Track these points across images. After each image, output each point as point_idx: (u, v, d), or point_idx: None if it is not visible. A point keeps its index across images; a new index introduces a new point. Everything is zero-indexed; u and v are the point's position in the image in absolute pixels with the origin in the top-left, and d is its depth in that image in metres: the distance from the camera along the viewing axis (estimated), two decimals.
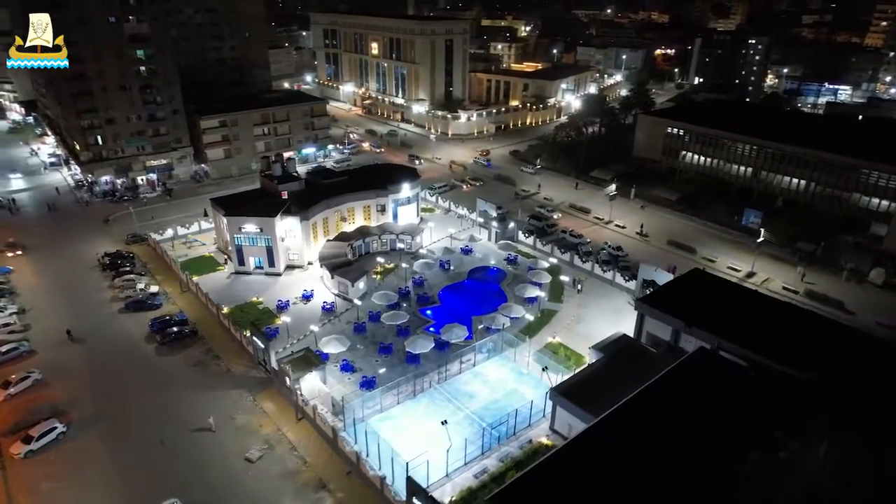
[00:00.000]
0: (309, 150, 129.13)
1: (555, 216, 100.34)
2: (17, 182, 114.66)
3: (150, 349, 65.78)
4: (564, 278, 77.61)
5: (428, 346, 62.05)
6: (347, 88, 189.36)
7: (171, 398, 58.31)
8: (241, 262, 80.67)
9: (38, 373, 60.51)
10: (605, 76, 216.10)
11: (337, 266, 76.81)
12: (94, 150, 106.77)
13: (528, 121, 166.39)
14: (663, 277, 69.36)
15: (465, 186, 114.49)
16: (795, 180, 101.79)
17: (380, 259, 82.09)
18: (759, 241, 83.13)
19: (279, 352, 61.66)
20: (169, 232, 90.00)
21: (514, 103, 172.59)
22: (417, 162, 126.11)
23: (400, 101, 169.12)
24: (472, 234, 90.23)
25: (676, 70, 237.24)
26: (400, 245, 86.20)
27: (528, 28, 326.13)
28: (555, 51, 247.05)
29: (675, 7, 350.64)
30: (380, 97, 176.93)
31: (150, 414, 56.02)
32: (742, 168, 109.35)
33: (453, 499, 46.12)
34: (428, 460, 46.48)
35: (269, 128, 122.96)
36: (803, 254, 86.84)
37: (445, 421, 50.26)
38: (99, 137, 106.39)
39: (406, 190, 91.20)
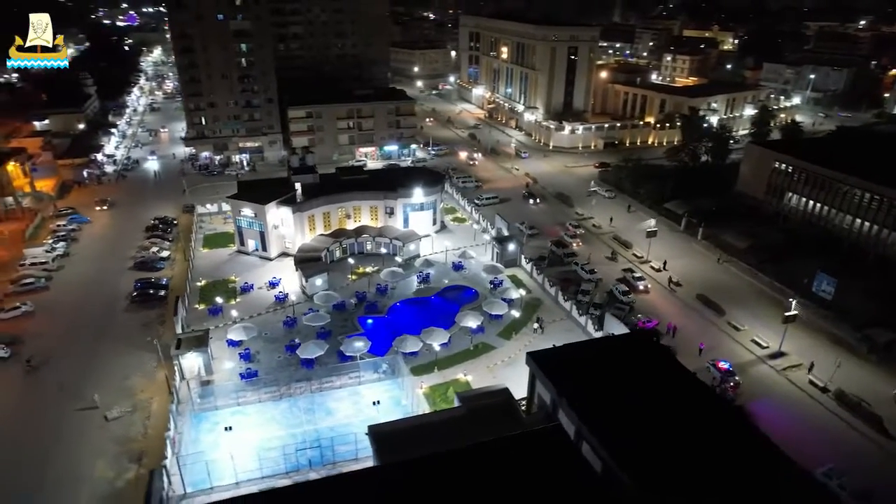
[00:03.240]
0: (391, 148, 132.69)
1: (575, 244, 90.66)
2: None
3: (122, 305, 74.40)
4: (515, 313, 69.35)
5: (317, 353, 60.54)
6: (478, 91, 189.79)
7: (104, 349, 65.20)
8: (242, 242, 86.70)
9: (31, 306, 72.44)
10: (781, 97, 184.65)
11: (304, 260, 78.42)
12: (197, 129, 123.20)
13: (651, 140, 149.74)
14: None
15: (532, 201, 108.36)
16: None
17: (350, 260, 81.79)
18: (788, 314, 64.67)
19: (185, 328, 65.19)
20: (215, 207, 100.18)
21: (649, 120, 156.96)
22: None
23: (519, 107, 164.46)
24: (466, 250, 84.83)
25: None
26: (383, 250, 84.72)
27: (735, 41, 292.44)
28: (728, 66, 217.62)
29: None
30: (501, 102, 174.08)
31: (75, 360, 63.19)
32: (861, 222, 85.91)
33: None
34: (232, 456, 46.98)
35: (354, 122, 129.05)
36: (874, 344, 65.67)
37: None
38: (203, 118, 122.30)
39: (418, 195, 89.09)
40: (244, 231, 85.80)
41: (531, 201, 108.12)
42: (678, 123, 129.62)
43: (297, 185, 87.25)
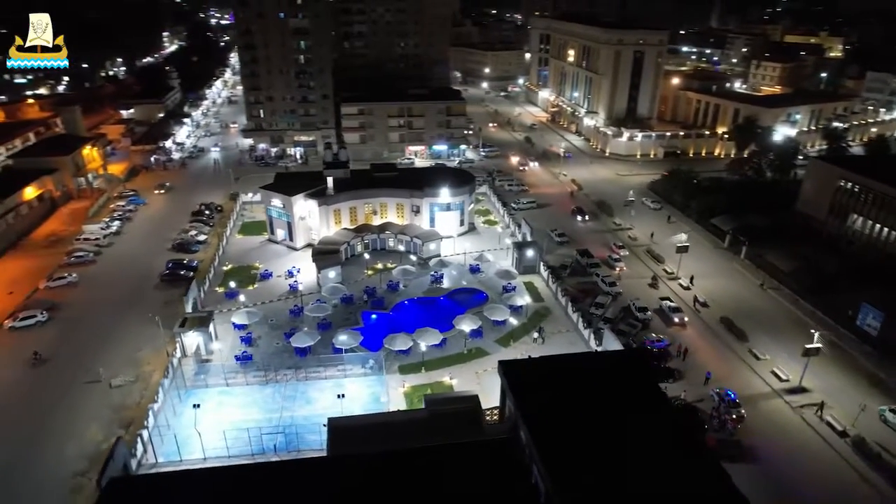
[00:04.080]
0: (440, 148, 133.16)
1: (618, 269, 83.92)
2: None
3: (153, 283, 79.52)
4: (513, 321, 67.56)
5: (307, 342, 61.95)
6: (543, 94, 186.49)
7: (125, 322, 69.94)
8: (272, 231, 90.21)
9: (76, 277, 79.15)
10: (881, 110, 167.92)
11: (320, 252, 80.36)
12: (255, 121, 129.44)
13: (718, 151, 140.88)
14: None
15: (580, 218, 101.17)
16: None
17: (366, 256, 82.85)
18: (809, 346, 58.63)
19: (198, 309, 68.59)
20: (258, 196, 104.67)
21: (721, 130, 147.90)
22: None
23: (581, 111, 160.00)
24: (483, 253, 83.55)
25: None
26: (401, 247, 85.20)
27: (846, 47, 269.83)
28: (823, 75, 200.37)
29: None
30: (564, 106, 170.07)
31: (98, 329, 68.38)
32: None
33: None
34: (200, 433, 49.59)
35: (405, 121, 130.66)
36: None
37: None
38: (261, 111, 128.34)
39: (445, 195, 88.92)
40: (274, 221, 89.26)
41: (579, 217, 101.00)
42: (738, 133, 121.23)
43: (329, 179, 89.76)
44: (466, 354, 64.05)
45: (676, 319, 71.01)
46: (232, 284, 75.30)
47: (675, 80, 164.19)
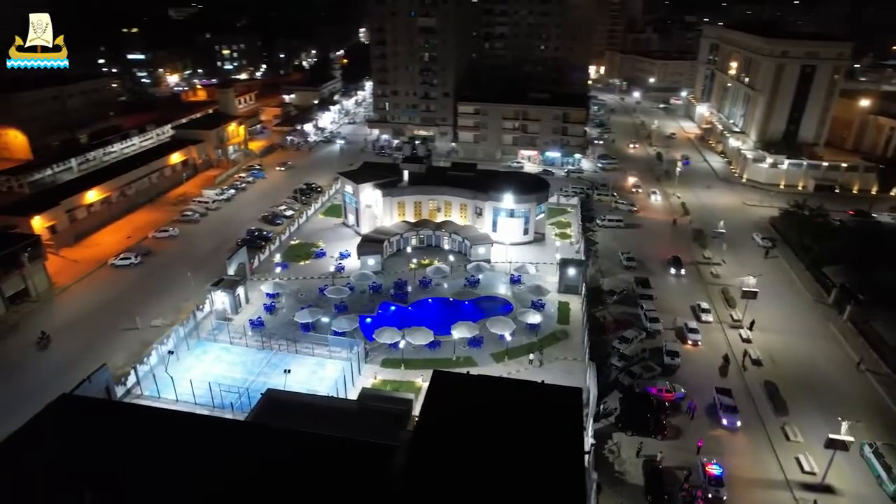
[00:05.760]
0: (553, 154, 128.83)
1: (690, 343, 67.05)
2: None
3: (229, 246, 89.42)
4: (508, 337, 63.55)
5: (307, 319, 65.67)
6: (700, 109, 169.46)
7: (196, 275, 79.71)
8: (345, 215, 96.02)
9: (177, 231, 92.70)
10: None
11: (368, 240, 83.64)
12: (380, 113, 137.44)
13: None
14: None
15: (674, 271, 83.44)
16: None
17: (408, 250, 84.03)
18: (834, 437, 46.48)
19: (239, 272, 75.72)
20: None
21: None
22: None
23: (735, 130, 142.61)
24: (525, 264, 79.69)
25: None
26: (446, 246, 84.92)
27: None
28: None
29: None
30: (716, 123, 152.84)
31: (166, 278, 79.35)
32: None
33: None
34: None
35: (519, 124, 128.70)
36: None
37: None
38: (386, 104, 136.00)
39: (508, 201, 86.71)
40: (347, 206, 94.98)
41: (672, 270, 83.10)
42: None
43: (405, 173, 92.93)
44: (454, 361, 62.54)
45: (691, 341, 66.17)
46: (277, 258, 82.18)
47: (864, 102, 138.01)
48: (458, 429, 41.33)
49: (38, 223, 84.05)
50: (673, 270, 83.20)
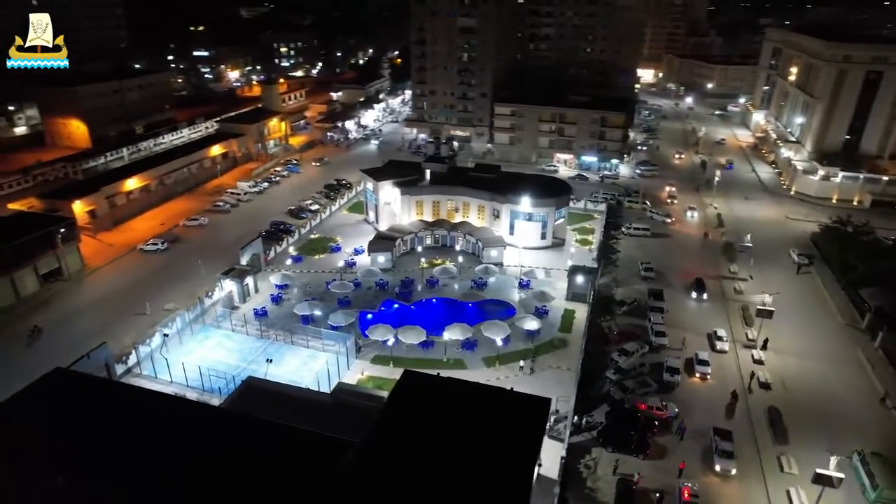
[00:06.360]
0: (590, 159, 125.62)
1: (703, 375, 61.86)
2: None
3: (254, 236, 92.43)
4: (499, 342, 62.19)
5: (305, 312, 66.85)
6: (757, 116, 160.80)
7: (217, 263, 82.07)
8: (367, 211, 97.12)
9: (206, 221, 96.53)
10: None
11: (380, 237, 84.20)
12: (418, 113, 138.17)
13: None
14: None
15: (696, 295, 76.49)
16: None
17: (419, 248, 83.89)
18: (820, 472, 42.80)
19: (245, 263, 77.55)
20: None
21: None
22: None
23: (790, 139, 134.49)
24: (534, 269, 78.00)
25: None
26: (458, 247, 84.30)
27: None
28: None
29: None
30: (770, 132, 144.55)
31: (193, 265, 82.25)
32: None
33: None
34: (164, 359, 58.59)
35: (556, 126, 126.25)
36: None
37: None
38: (424, 103, 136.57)
39: (525, 204, 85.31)
40: (368, 202, 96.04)
41: (694, 294, 76.39)
42: None
43: (427, 172, 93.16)
44: (444, 363, 62.10)
45: (699, 374, 60.86)
46: (292, 251, 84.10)
47: None
48: (413, 430, 40.99)
49: (79, 207, 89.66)
50: (694, 294, 76.26)
